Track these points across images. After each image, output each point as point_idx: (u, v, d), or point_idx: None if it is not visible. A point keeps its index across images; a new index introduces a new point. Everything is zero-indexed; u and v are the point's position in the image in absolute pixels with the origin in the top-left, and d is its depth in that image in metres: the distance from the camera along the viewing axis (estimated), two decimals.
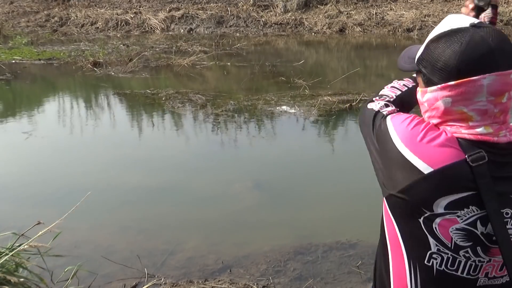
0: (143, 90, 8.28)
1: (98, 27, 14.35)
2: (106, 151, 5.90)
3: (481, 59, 1.04)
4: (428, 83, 1.13)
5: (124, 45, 11.86)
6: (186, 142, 6.16)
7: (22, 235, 2.98)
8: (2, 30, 14.04)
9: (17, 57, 10.98)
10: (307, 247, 3.69)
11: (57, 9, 15.63)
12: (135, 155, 5.67)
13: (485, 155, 1.07)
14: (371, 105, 1.29)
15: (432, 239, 1.11)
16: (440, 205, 1.09)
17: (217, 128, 6.50)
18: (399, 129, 1.15)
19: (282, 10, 14.25)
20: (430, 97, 1.12)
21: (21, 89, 9.17)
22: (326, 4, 14.22)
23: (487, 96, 1.06)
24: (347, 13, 13.78)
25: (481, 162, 1.07)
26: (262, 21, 14.00)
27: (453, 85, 1.07)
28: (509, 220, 1.10)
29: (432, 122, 1.14)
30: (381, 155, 1.19)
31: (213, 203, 4.48)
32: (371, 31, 13.06)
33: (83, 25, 14.54)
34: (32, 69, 10.32)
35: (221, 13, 14.43)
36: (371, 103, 1.30)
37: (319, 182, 4.86)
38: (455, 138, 1.10)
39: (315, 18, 13.78)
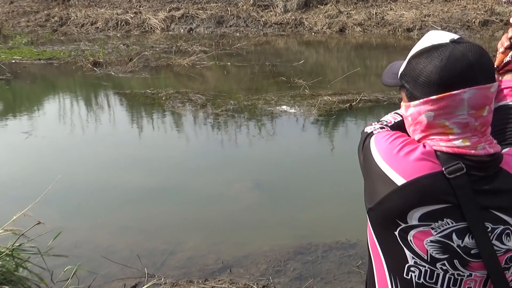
0: (143, 90, 8.28)
1: (98, 27, 14.35)
2: (106, 151, 5.91)
3: (461, 73, 1.06)
4: (411, 97, 1.15)
5: (124, 45, 11.86)
6: (186, 142, 6.16)
7: (22, 235, 2.98)
8: (2, 30, 14.04)
9: (17, 57, 10.98)
10: (307, 247, 3.70)
11: (57, 9, 15.63)
12: (135, 155, 5.68)
13: (463, 166, 1.08)
14: (367, 128, 1.31)
15: (408, 251, 1.12)
16: (414, 217, 1.10)
17: (217, 128, 6.50)
18: (379, 144, 1.18)
19: (282, 10, 14.25)
20: (413, 112, 1.14)
21: (21, 89, 9.17)
22: (326, 4, 14.22)
23: (468, 110, 1.08)
24: (347, 13, 13.78)
25: (458, 174, 1.08)
26: (262, 21, 14.00)
27: (435, 99, 1.09)
28: (491, 234, 1.09)
29: (414, 137, 1.17)
30: (364, 170, 1.22)
31: (213, 203, 4.49)
32: (371, 31, 13.05)
33: (83, 25, 14.54)
34: (32, 69, 10.32)
35: (221, 13, 14.43)
36: (368, 126, 1.32)
37: (319, 182, 4.87)
38: (433, 151, 1.11)
39: (315, 18, 13.78)
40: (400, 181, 1.10)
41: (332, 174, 5.04)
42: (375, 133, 1.23)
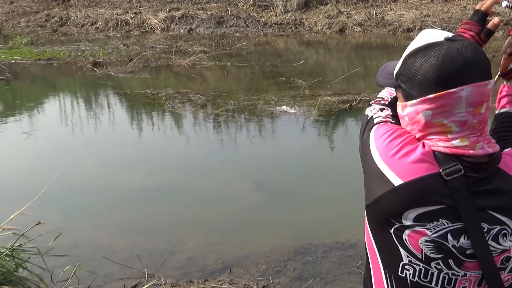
0: (143, 90, 8.28)
1: (98, 27, 14.36)
2: (106, 151, 5.91)
3: (458, 71, 1.06)
4: (408, 97, 1.14)
5: (124, 45, 11.87)
6: (186, 142, 6.16)
7: (22, 235, 2.98)
8: (2, 30, 14.05)
9: (17, 57, 10.98)
10: (307, 247, 3.70)
11: (57, 9, 15.64)
12: (135, 155, 5.68)
13: (460, 168, 1.08)
14: (368, 110, 1.31)
15: (403, 250, 1.13)
16: (409, 217, 1.10)
17: (217, 128, 6.50)
18: (377, 142, 1.17)
19: (282, 10, 14.26)
20: (411, 111, 1.13)
21: (21, 89, 9.18)
22: (326, 4, 14.22)
23: (466, 107, 1.08)
24: (347, 13, 13.79)
25: (456, 176, 1.08)
26: (262, 21, 14.00)
27: (433, 98, 1.08)
28: (487, 235, 1.09)
29: (414, 135, 1.16)
30: (362, 161, 1.22)
31: (213, 203, 4.49)
32: (371, 31, 13.06)
33: (83, 25, 14.55)
34: (32, 69, 10.32)
35: (221, 13, 14.44)
36: (369, 107, 1.32)
37: (319, 182, 4.87)
38: (432, 152, 1.11)
39: (315, 18, 13.78)
40: (397, 181, 1.10)
41: (332, 174, 5.04)
42: (375, 127, 1.22)
